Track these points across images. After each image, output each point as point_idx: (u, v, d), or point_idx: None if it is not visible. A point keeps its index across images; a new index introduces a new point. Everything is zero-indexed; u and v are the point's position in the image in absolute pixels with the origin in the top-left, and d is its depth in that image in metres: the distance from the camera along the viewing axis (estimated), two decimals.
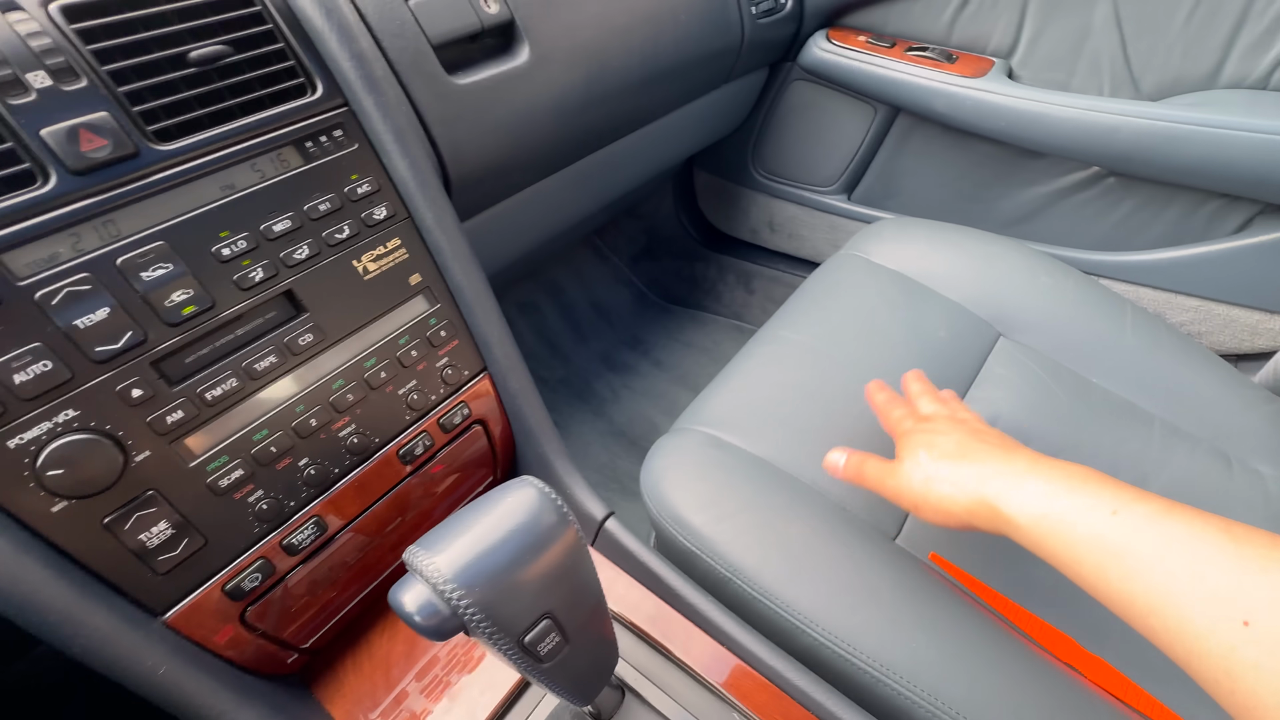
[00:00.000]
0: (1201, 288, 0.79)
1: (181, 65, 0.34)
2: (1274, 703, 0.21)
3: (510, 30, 0.56)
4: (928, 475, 0.39)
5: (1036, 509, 0.32)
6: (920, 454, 0.40)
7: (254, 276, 0.36)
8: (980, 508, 0.35)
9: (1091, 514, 0.30)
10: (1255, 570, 0.24)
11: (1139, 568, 0.27)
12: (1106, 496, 0.30)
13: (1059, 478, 0.33)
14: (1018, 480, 0.34)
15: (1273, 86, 0.68)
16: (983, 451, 0.38)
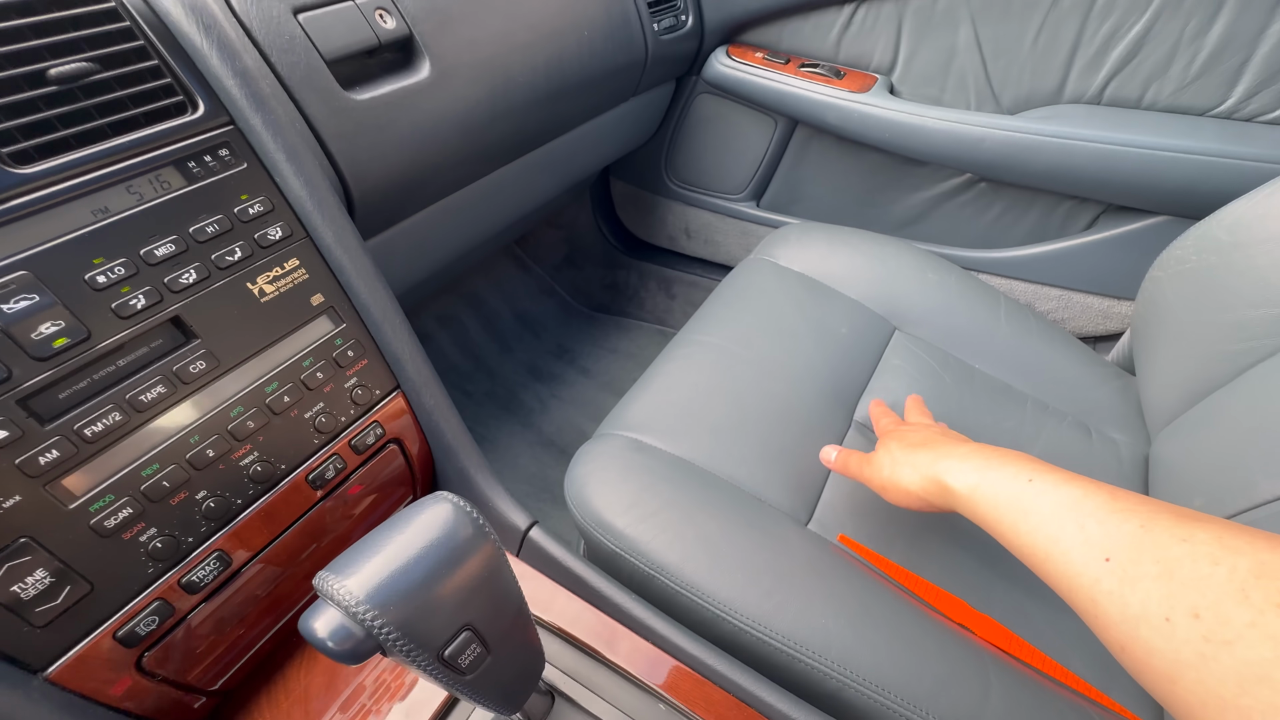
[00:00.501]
0: (1062, 279, 0.89)
1: (41, 83, 0.32)
2: (1119, 618, 0.26)
3: (409, 45, 0.56)
4: (895, 461, 0.46)
5: (971, 480, 0.39)
6: (892, 445, 0.48)
7: (134, 304, 0.34)
8: (932, 485, 0.41)
9: (1013, 482, 0.36)
10: (1119, 521, 0.29)
11: (1042, 523, 0.33)
12: (1025, 469, 0.36)
13: (992, 457, 0.40)
14: (960, 461, 0.41)
15: (1105, 101, 0.78)
16: (939, 442, 0.45)
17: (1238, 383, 0.58)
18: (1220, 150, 0.69)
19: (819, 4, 0.87)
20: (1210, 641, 0.23)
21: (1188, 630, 0.23)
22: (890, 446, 0.48)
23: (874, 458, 0.49)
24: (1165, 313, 0.65)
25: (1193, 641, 0.23)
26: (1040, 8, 0.75)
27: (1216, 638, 0.22)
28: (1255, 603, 0.22)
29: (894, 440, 0.48)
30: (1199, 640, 0.23)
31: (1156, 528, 0.27)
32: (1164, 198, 0.75)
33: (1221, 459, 0.56)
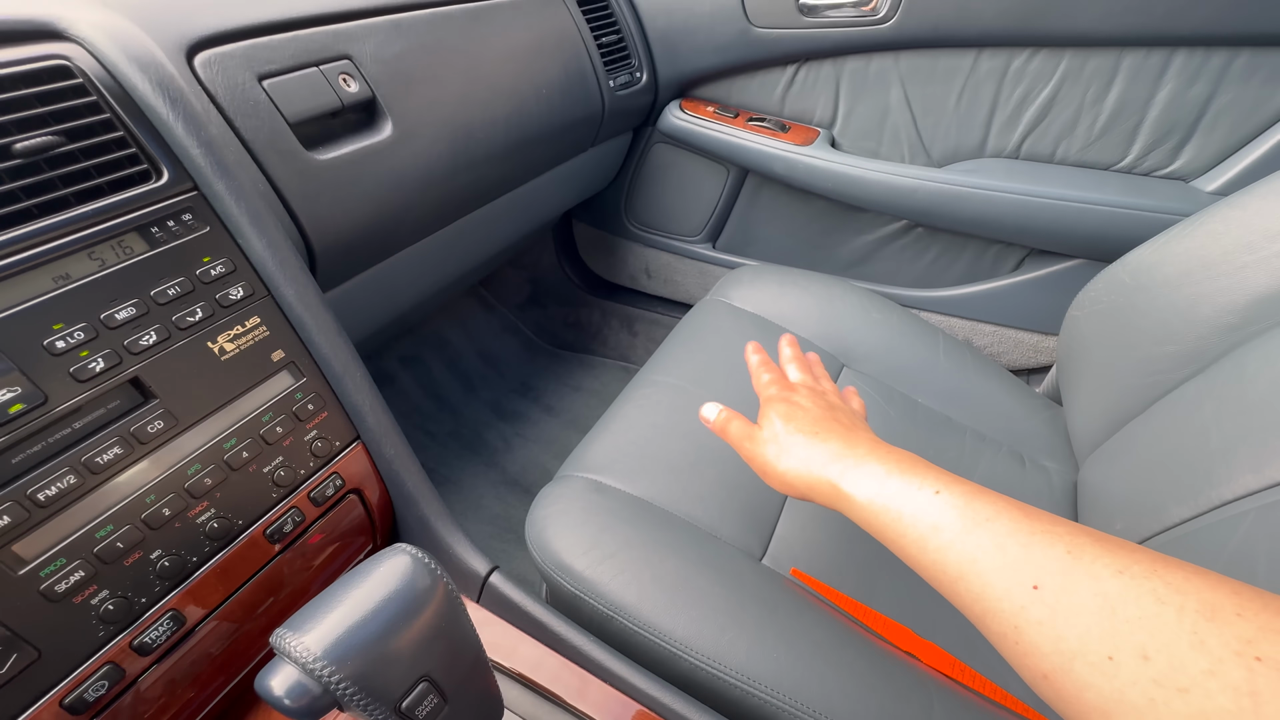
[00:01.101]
0: (995, 316, 0.95)
1: (6, 157, 0.33)
2: (1050, 650, 0.25)
3: (372, 106, 0.58)
4: (781, 446, 0.42)
5: (871, 489, 0.36)
6: (776, 423, 0.43)
7: (93, 367, 0.35)
8: (821, 484, 0.38)
9: (918, 494, 0.33)
10: (1043, 544, 0.28)
11: (952, 540, 0.31)
12: (930, 479, 0.34)
13: (892, 462, 0.36)
14: (857, 463, 0.37)
15: (1023, 156, 0.85)
16: (832, 432, 0.41)
17: (1149, 413, 0.63)
18: (1123, 202, 0.76)
19: (764, 64, 0.93)
20: (1162, 687, 0.21)
21: (1135, 672, 0.22)
22: (775, 425, 0.43)
23: (757, 433, 0.45)
24: (1084, 349, 0.71)
25: (1140, 684, 0.22)
26: (960, 74, 0.82)
27: (1170, 684, 0.21)
28: (1212, 649, 0.21)
29: (780, 417, 0.43)
30: (1149, 684, 0.22)
31: (1085, 555, 0.27)
32: (1078, 243, 0.82)
33: (1137, 485, 0.60)
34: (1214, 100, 0.72)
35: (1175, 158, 0.78)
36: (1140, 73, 0.74)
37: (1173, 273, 0.62)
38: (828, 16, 0.84)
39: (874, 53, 0.86)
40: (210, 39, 0.47)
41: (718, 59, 0.94)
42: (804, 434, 0.41)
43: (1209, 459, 0.53)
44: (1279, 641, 0.20)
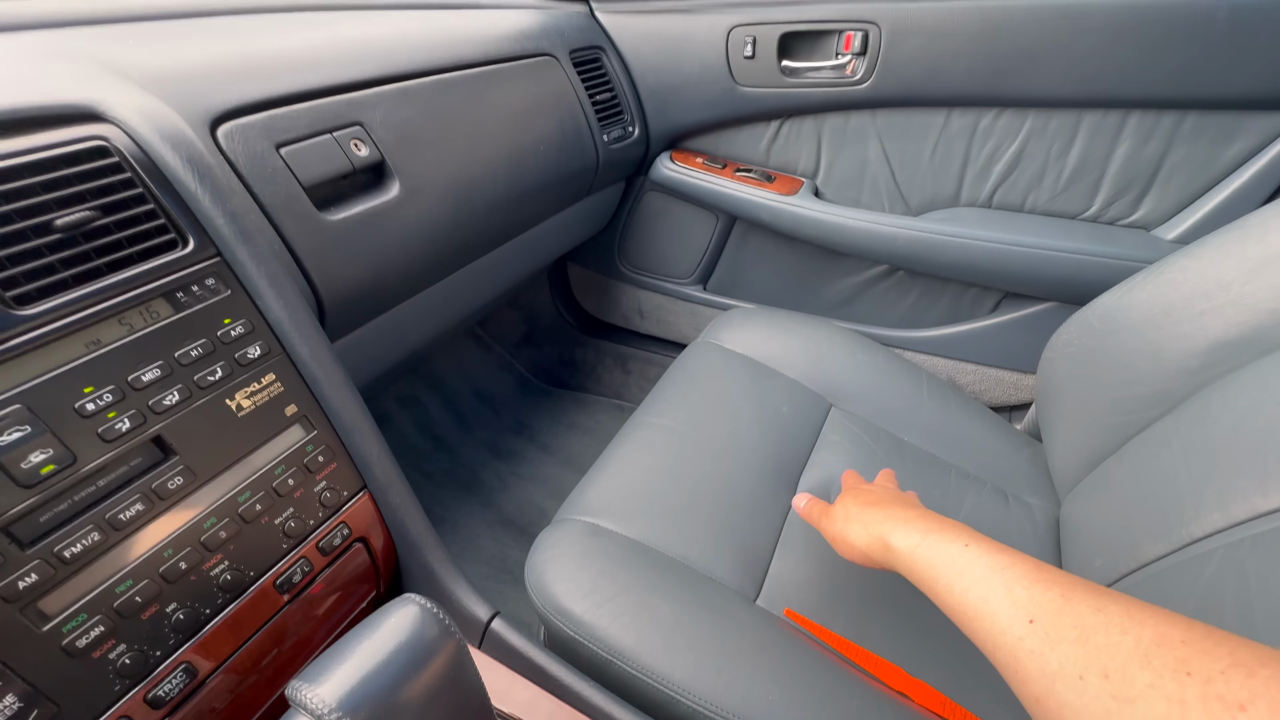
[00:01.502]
0: (976, 355, 0.99)
1: (47, 231, 0.36)
2: (1039, 674, 0.30)
3: (381, 168, 0.62)
4: (848, 515, 0.50)
5: (913, 542, 0.42)
6: (849, 500, 0.52)
7: (119, 427, 0.37)
8: (876, 542, 0.45)
9: (950, 546, 0.40)
10: (1043, 589, 0.33)
11: (974, 584, 0.36)
12: (962, 535, 0.40)
13: (934, 522, 0.43)
14: (904, 524, 0.44)
15: (995, 205, 0.90)
16: (890, 504, 0.49)
17: (1122, 452, 0.66)
18: (1089, 249, 0.81)
19: (749, 119, 0.98)
20: (1116, 699, 0.26)
21: (1098, 688, 0.27)
22: (847, 501, 0.52)
23: (833, 509, 0.53)
24: (1059, 389, 0.74)
25: (1101, 698, 0.26)
26: (933, 130, 0.88)
27: (1121, 695, 0.26)
28: (1155, 667, 0.25)
29: (851, 496, 0.52)
30: (1107, 697, 0.26)
31: (1075, 597, 0.31)
32: (1049, 288, 0.87)
33: (1114, 522, 0.63)
34: (1168, 157, 0.78)
35: (1136, 208, 0.83)
36: (1099, 131, 0.79)
37: (1138, 318, 0.65)
38: (808, 78, 0.90)
39: (852, 110, 0.91)
40: (232, 111, 0.50)
41: (705, 115, 1.00)
42: (867, 505, 0.49)
43: (1179, 497, 0.55)
44: (1209, 661, 0.24)
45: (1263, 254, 0.57)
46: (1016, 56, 0.77)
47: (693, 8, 0.93)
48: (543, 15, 0.89)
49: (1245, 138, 0.74)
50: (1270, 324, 0.56)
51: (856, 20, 0.83)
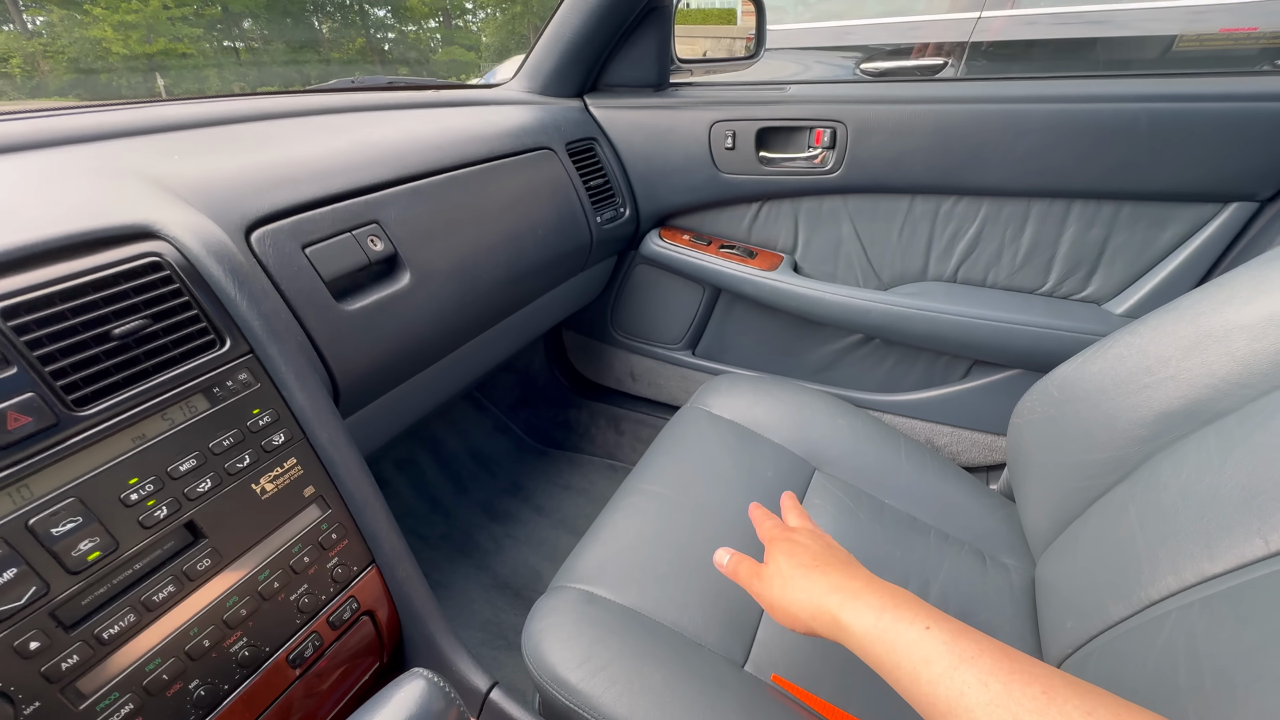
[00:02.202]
0: (951, 418, 1.04)
1: (105, 340, 0.41)
2: None
3: (394, 259, 0.68)
4: (785, 581, 0.45)
5: (867, 622, 0.39)
6: (781, 560, 0.47)
7: (158, 515, 0.41)
8: (822, 615, 0.42)
9: (909, 629, 0.37)
10: (1021, 684, 0.31)
11: (941, 675, 0.34)
12: (921, 615, 0.38)
13: (887, 597, 0.40)
14: (854, 596, 0.41)
15: (960, 280, 0.98)
16: (831, 565, 0.45)
17: (1087, 515, 0.70)
18: (1046, 323, 0.87)
19: (731, 201, 1.07)
20: None
21: None
22: (779, 562, 0.47)
23: (764, 571, 0.48)
24: (1027, 453, 0.79)
25: None
26: (900, 214, 0.96)
27: None
28: None
29: (782, 556, 0.47)
30: None
31: (1058, 696, 0.30)
32: (1013, 357, 0.93)
33: (1083, 584, 0.66)
34: (1110, 240, 0.86)
35: (1087, 285, 0.90)
36: (1047, 217, 0.88)
37: (1092, 388, 0.71)
38: (784, 167, 0.98)
39: (825, 194, 1.00)
40: (265, 218, 0.56)
41: (691, 198, 1.08)
42: (805, 568, 0.45)
43: (1137, 560, 0.59)
44: None
45: (1194, 334, 0.63)
46: (968, 153, 0.86)
47: (678, 104, 1.03)
48: (542, 111, 0.98)
49: (1176, 225, 0.82)
50: (1207, 397, 0.61)
51: (825, 119, 0.93)
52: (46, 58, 16.57)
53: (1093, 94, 0.79)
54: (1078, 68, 1.99)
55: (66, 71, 16.30)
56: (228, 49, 20.21)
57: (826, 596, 0.42)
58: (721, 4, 1.25)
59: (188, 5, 17.73)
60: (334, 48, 23.53)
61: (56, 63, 16.40)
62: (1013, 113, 0.82)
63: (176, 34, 17.17)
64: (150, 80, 16.58)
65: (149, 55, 16.69)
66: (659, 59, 1.03)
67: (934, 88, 0.90)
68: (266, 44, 21.86)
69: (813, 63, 2.40)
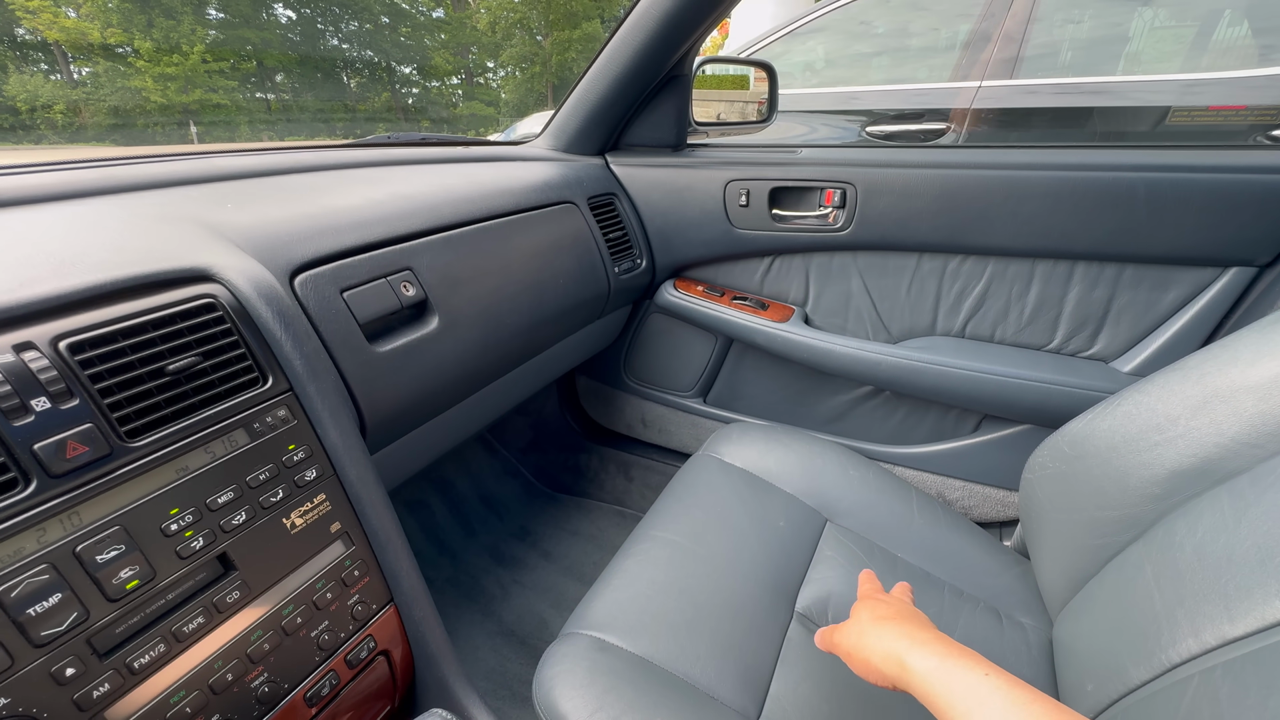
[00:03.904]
0: (963, 472, 1.04)
1: (159, 375, 0.43)
2: None
3: (424, 304, 0.71)
4: (862, 631, 0.50)
5: (930, 665, 0.43)
6: (863, 614, 0.52)
7: (194, 545, 0.42)
8: (891, 660, 0.46)
9: (969, 674, 0.40)
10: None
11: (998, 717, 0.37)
12: (981, 664, 0.41)
13: (952, 647, 0.45)
14: (921, 644, 0.45)
15: (968, 336, 1.00)
16: (907, 620, 0.50)
17: (1103, 574, 0.69)
18: (1054, 379, 0.89)
19: (744, 255, 1.11)
20: None
21: None
22: (861, 616, 0.52)
23: (846, 625, 0.53)
24: (1040, 510, 0.79)
25: None
26: (908, 270, 0.99)
27: None
28: None
29: (865, 610, 0.53)
30: None
31: None
32: (1022, 413, 0.94)
33: (1101, 645, 0.65)
34: (1115, 300, 0.88)
35: (1094, 343, 0.92)
36: (1051, 277, 0.90)
37: (1102, 445, 0.71)
38: (796, 224, 1.03)
39: (835, 251, 1.03)
40: (308, 264, 0.60)
41: (705, 251, 1.12)
42: (882, 619, 0.50)
43: (1156, 622, 0.58)
44: None
45: (1202, 394, 0.64)
46: (973, 215, 0.89)
47: (694, 164, 1.08)
48: (565, 168, 1.03)
49: (1179, 287, 0.84)
50: (1217, 456, 0.61)
51: (835, 180, 0.97)
52: (88, 105, 17.44)
53: (1092, 163, 0.83)
54: (1076, 136, 2.07)
55: (105, 118, 17.12)
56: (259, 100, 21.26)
57: (896, 641, 0.46)
58: (736, 71, 1.33)
59: (225, 60, 18.78)
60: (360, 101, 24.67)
61: (96, 111, 17.27)
62: (1015, 179, 0.86)
63: (212, 85, 18.11)
64: (184, 128, 17.37)
65: (184, 105, 17.57)
66: (677, 122, 1.09)
67: (939, 154, 0.95)
68: (297, 96, 22.97)
69: (819, 125, 2.51)
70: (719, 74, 1.21)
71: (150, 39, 16.78)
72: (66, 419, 0.38)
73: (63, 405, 0.38)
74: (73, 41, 16.78)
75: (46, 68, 18.45)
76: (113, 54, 17.22)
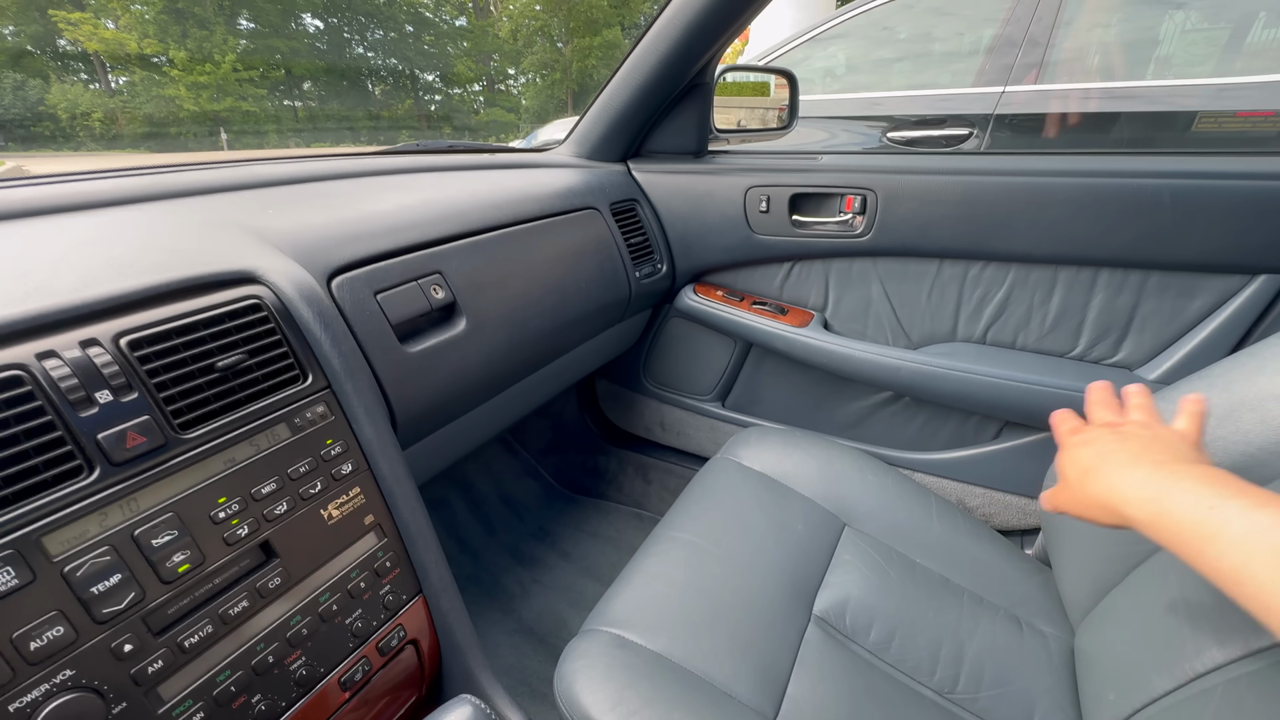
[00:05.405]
0: (983, 479, 1.04)
1: (209, 371, 0.45)
2: None
3: (452, 307, 0.73)
4: (1072, 496, 0.48)
5: (1152, 507, 0.40)
6: (1068, 473, 0.48)
7: (240, 533, 0.44)
8: (1113, 513, 0.43)
9: (1194, 510, 0.38)
10: None
11: (1229, 549, 0.35)
12: (1207, 495, 0.38)
13: (1178, 478, 0.41)
14: (1134, 496, 0.42)
15: (989, 342, 0.99)
16: (1107, 465, 0.46)
17: (1127, 582, 0.69)
18: (1077, 386, 0.88)
19: (764, 261, 1.12)
20: None
21: None
22: (1068, 475, 0.48)
23: (1059, 485, 0.50)
24: (1062, 517, 0.78)
25: None
26: (928, 277, 0.99)
27: None
28: None
29: (1068, 465, 0.49)
30: None
31: None
32: (1044, 420, 0.92)
33: (1124, 654, 0.65)
34: (1139, 308, 0.87)
35: (1118, 350, 0.91)
36: (1075, 284, 0.90)
37: None
38: (816, 230, 1.03)
39: (855, 256, 1.04)
40: (345, 267, 0.62)
41: (725, 257, 1.13)
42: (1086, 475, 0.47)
43: (1180, 631, 0.58)
44: None
45: (1228, 402, 0.64)
46: (994, 222, 0.89)
47: (715, 170, 1.09)
48: (588, 174, 1.05)
49: (1205, 295, 0.83)
50: (1245, 465, 0.61)
51: (856, 186, 0.98)
52: (124, 113, 18.04)
53: (1115, 170, 0.83)
54: (1100, 142, 2.04)
55: (140, 126, 17.69)
56: (287, 108, 21.79)
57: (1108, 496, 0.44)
58: (756, 78, 1.34)
59: (254, 69, 19.30)
60: (384, 108, 25.16)
61: (132, 118, 17.85)
62: (1037, 185, 0.86)
63: (243, 93, 18.64)
64: (214, 135, 17.87)
65: (216, 112, 18.08)
66: (698, 129, 1.10)
67: (960, 160, 0.95)
68: (323, 104, 23.50)
69: (839, 130, 2.50)
70: (740, 81, 1.22)
71: (184, 49, 17.34)
72: (127, 411, 0.40)
73: (123, 398, 0.40)
74: (111, 52, 17.40)
75: (86, 77, 19.14)
76: (149, 63, 17.81)
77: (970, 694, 0.69)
